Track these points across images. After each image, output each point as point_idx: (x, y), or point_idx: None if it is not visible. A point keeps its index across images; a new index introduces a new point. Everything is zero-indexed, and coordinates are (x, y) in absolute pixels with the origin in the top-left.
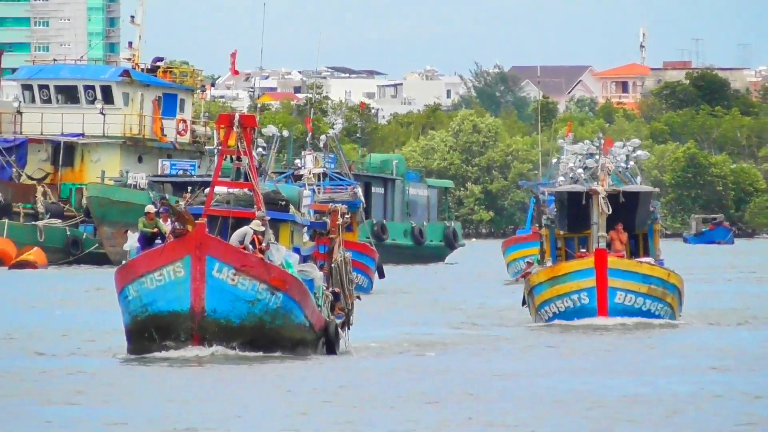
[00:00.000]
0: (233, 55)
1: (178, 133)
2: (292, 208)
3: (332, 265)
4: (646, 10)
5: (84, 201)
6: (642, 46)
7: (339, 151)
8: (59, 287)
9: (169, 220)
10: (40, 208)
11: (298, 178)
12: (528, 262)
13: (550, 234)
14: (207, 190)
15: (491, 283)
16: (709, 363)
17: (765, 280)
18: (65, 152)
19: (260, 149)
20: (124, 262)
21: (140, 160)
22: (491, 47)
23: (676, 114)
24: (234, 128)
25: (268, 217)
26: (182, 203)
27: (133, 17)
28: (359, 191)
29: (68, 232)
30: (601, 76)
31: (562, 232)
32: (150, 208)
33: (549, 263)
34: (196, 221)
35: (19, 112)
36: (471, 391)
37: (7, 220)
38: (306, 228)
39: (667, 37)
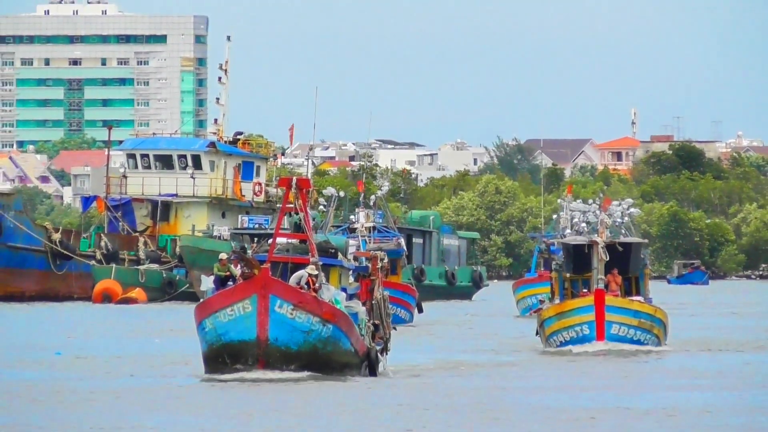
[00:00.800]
0: (291, 128)
1: (255, 194)
2: (340, 255)
3: (373, 302)
4: (636, 94)
5: (178, 249)
6: (633, 123)
7: (386, 209)
8: (157, 320)
9: (239, 265)
10: (142, 255)
11: (353, 230)
12: (540, 300)
13: (558, 276)
14: (270, 240)
15: (510, 317)
16: (688, 382)
17: (736, 314)
18: (162, 209)
19: (321, 207)
20: (201, 300)
21: (223, 215)
22: (511, 123)
23: (661, 178)
24: (292, 189)
25: (320, 263)
26: (250, 251)
27: (218, 99)
28: (402, 241)
29: (164, 275)
30: (600, 148)
31: (568, 275)
32: (223, 256)
33: (557, 300)
34: (261, 266)
35: (125, 177)
36: (485, 404)
37: (114, 265)
38: (351, 271)
39: (653, 115)
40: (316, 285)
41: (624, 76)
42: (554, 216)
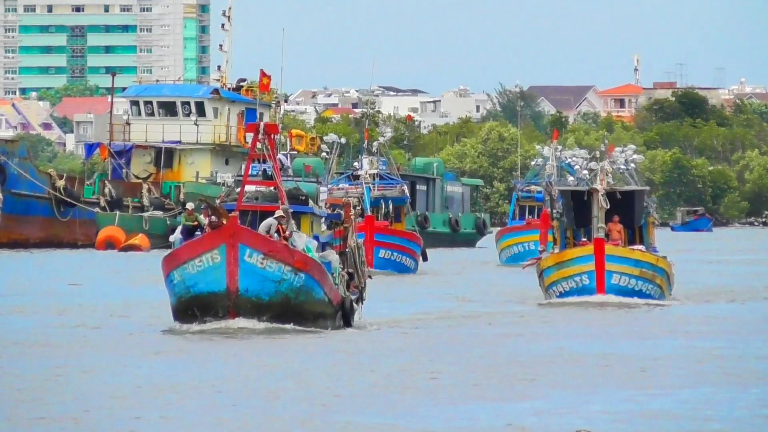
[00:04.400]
0: (262, 72)
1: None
2: (311, 202)
3: (347, 250)
4: (639, 40)
5: (181, 196)
6: (636, 70)
7: (389, 156)
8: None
9: (208, 214)
10: (145, 202)
11: (356, 177)
12: (540, 250)
13: (560, 225)
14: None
15: (510, 266)
16: (693, 329)
17: (742, 262)
18: (166, 156)
19: (324, 154)
20: (169, 251)
21: (227, 162)
22: (513, 70)
23: (664, 125)
24: (260, 134)
25: (291, 210)
26: (217, 200)
27: (221, 45)
28: (406, 189)
29: (168, 222)
30: (603, 95)
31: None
32: (189, 205)
33: (557, 249)
34: (230, 215)
35: (128, 123)
36: (480, 354)
37: (118, 212)
38: (323, 219)
39: (656, 62)
40: (287, 233)
41: (626, 23)
42: (532, 163)
